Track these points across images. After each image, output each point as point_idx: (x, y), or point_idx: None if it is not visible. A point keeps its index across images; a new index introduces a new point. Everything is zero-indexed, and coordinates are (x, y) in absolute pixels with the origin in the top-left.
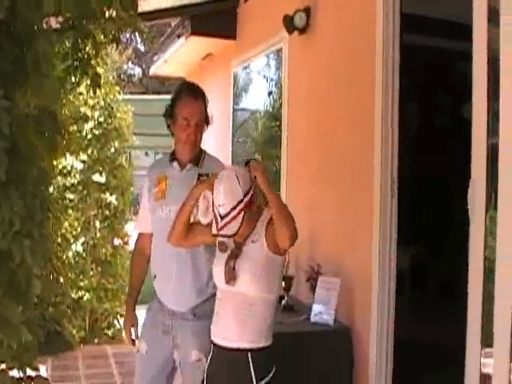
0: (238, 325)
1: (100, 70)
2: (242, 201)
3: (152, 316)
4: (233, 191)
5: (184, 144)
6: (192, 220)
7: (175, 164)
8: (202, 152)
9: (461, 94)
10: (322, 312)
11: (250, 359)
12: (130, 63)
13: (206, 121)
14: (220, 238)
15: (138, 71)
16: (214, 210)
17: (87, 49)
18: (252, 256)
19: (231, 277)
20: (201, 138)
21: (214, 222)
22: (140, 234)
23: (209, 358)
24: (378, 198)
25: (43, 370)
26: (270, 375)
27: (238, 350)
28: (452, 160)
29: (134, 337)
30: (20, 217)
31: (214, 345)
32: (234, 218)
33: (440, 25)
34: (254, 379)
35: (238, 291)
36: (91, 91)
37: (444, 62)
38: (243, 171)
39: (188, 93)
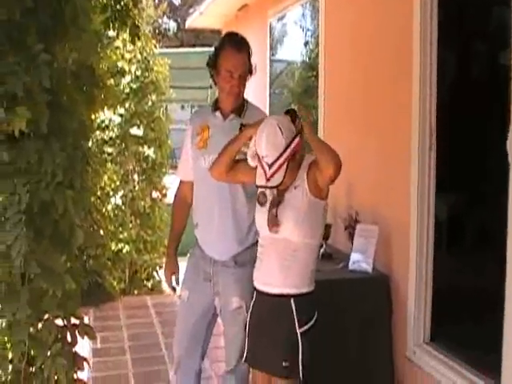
0: (282, 270)
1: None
2: (285, 151)
3: (194, 262)
4: (275, 142)
5: (227, 95)
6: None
7: (218, 113)
8: (244, 102)
9: (499, 40)
10: (360, 260)
11: (292, 305)
12: (164, 18)
13: (250, 71)
14: (261, 189)
15: (172, 25)
16: (259, 161)
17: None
18: (294, 202)
19: (274, 224)
20: (244, 88)
21: (258, 172)
22: (181, 182)
23: (251, 303)
24: (416, 146)
25: (85, 321)
26: (313, 321)
27: (281, 295)
28: (490, 108)
29: (174, 284)
30: (62, 168)
31: (257, 291)
32: (278, 168)
33: None
34: (296, 324)
35: (282, 237)
36: (128, 45)
37: (482, 7)
38: (285, 120)
39: (231, 44)
